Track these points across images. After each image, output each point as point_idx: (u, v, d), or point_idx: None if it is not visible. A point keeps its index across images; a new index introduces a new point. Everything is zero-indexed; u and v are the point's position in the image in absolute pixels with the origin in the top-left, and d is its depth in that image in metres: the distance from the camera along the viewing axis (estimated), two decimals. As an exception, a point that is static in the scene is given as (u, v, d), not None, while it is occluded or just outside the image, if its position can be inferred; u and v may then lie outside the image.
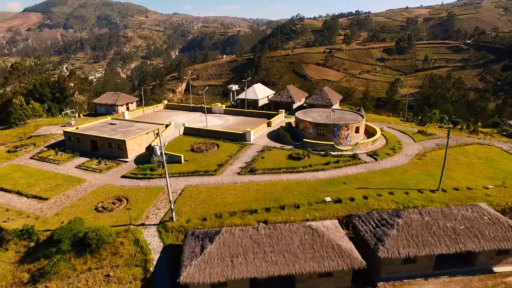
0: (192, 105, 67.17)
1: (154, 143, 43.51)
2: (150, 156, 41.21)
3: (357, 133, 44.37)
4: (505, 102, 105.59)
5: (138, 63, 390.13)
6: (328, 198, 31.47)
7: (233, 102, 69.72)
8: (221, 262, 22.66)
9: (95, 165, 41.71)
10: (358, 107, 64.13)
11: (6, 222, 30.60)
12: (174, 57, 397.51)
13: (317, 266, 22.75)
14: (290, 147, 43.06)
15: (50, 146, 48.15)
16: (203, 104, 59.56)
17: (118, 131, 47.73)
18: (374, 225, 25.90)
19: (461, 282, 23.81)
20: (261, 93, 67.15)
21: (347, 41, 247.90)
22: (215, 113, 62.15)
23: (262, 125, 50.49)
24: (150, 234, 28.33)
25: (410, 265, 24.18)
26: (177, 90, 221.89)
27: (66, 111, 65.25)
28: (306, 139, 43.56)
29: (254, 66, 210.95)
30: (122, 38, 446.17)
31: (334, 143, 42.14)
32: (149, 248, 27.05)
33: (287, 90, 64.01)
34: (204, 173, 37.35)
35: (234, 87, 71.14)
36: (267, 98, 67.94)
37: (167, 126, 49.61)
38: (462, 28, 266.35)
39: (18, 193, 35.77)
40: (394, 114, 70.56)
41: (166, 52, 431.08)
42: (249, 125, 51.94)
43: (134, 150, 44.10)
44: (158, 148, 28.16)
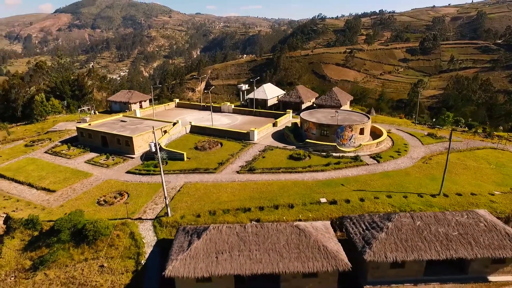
0: (202, 104, 68.29)
1: (159, 140, 44.68)
2: (155, 153, 42.35)
3: (361, 134, 43.71)
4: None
5: (161, 62, 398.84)
6: (323, 199, 31.31)
7: (243, 102, 70.22)
8: (206, 257, 23.14)
9: (103, 160, 43.36)
10: (369, 109, 63.01)
11: (15, 211, 32.51)
12: (195, 56, 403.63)
13: (301, 266, 22.78)
14: (292, 147, 43.03)
15: (64, 141, 50.45)
16: (211, 103, 60.39)
17: (127, 128, 49.33)
18: (365, 227, 25.60)
19: (452, 289, 23.17)
20: (270, 93, 67.28)
21: (369, 41, 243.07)
22: (224, 112, 62.91)
23: (268, 124, 50.69)
24: (145, 228, 29.25)
25: (398, 269, 23.73)
26: (196, 89, 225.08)
27: (83, 108, 68.11)
28: (309, 140, 43.37)
29: (273, 66, 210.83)
30: (146, 38, 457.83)
31: (336, 144, 41.72)
32: (143, 241, 27.96)
33: (296, 90, 63.82)
34: (204, 170, 38.03)
35: (244, 87, 71.64)
36: (277, 98, 67.97)
37: (175, 124, 50.74)
38: (492, 27, 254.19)
39: (29, 185, 37.84)
40: (408, 116, 68.65)
41: (187, 51, 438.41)
42: (256, 124, 52.24)
43: (141, 146, 45.45)
44: (153, 145, 28.85)
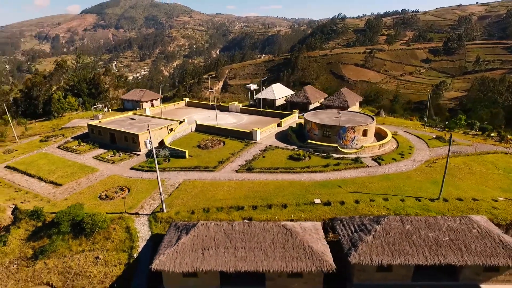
0: (211, 103, 69.22)
1: (164, 138, 45.81)
2: (160, 150, 43.46)
3: (365, 136, 43.10)
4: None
5: (181, 62, 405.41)
6: (317, 200, 31.20)
7: (251, 101, 70.61)
8: (192, 253, 23.66)
9: (110, 156, 44.84)
10: (379, 110, 61.90)
11: (23, 203, 34.28)
12: (214, 56, 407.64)
13: (285, 265, 22.90)
14: (293, 148, 43.01)
15: (76, 138, 52.51)
16: (215, 102, 61.16)
17: (135, 126, 50.77)
18: (353, 229, 25.40)
19: (439, 296, 22.64)
20: (279, 93, 67.32)
21: (390, 41, 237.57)
22: (232, 111, 63.51)
23: (272, 124, 50.83)
24: (141, 223, 30.16)
25: (385, 273, 23.42)
26: (214, 88, 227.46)
27: (97, 106, 70.59)
28: (311, 140, 43.20)
29: (290, 66, 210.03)
30: (167, 38, 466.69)
31: (338, 146, 41.36)
32: (137, 235, 28.86)
33: (304, 90, 63.56)
34: (204, 169, 38.67)
35: (253, 87, 71.99)
36: (285, 99, 67.90)
37: (181, 123, 51.77)
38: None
39: (39, 178, 39.74)
40: (422, 118, 66.75)
41: (207, 51, 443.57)
42: (261, 124, 52.50)
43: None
44: (148, 142, 29.64)
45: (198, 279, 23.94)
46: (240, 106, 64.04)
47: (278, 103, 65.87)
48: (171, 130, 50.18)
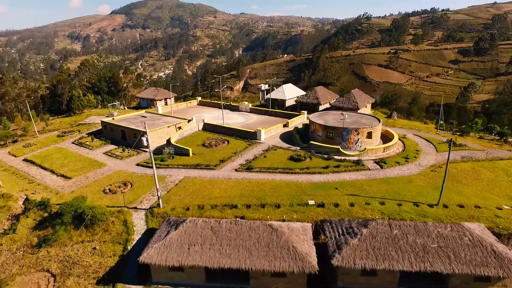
0: (222, 102, 70.00)
1: (171, 136, 47.02)
2: (165, 147, 44.73)
3: (369, 138, 42.32)
4: None
5: (204, 61, 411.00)
6: (311, 202, 31.10)
7: (262, 102, 70.86)
8: (179, 248, 24.38)
9: (119, 152, 46.61)
10: (391, 112, 60.43)
11: (33, 194, 36.40)
12: (237, 55, 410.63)
13: (267, 264, 23.16)
14: (295, 148, 42.93)
15: (91, 134, 54.92)
16: (222, 101, 61.90)
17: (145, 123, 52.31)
18: (341, 232, 25.23)
19: (424, 304, 22.09)
20: (289, 93, 67.13)
21: (416, 41, 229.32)
22: (242, 111, 64.07)
23: (278, 125, 50.91)
24: (138, 217, 31.27)
25: (370, 277, 23.14)
26: (235, 88, 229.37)
27: (114, 103, 73.34)
28: (314, 141, 42.95)
29: (312, 66, 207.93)
30: (191, 38, 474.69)
31: (340, 147, 40.88)
32: (134, 229, 29.97)
33: (315, 91, 63.03)
34: (205, 167, 39.43)
35: (263, 87, 72.23)
36: (296, 99, 67.62)
37: (189, 121, 52.90)
38: None
39: (51, 171, 41.98)
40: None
41: (230, 51, 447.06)
42: (269, 124, 52.70)
43: (155, 141, 47.99)
44: (144, 139, 30.67)
45: (184, 274, 24.62)
46: (250, 106, 64.49)
47: (288, 104, 65.75)
48: (180, 128, 51.40)
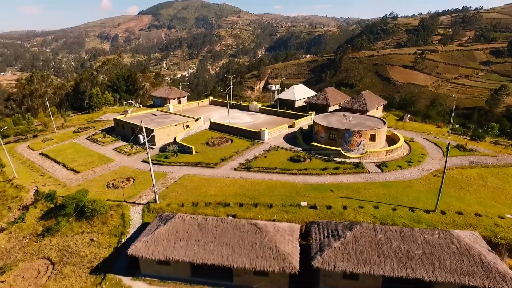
0: (232, 102, 70.82)
1: (177, 135, 48.21)
2: (169, 145, 45.98)
3: (373, 141, 41.52)
4: None
5: (227, 61, 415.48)
6: (304, 203, 31.05)
7: (273, 102, 70.97)
8: (165, 242, 25.16)
9: (128, 149, 48.33)
10: (403, 115, 58.86)
11: (43, 186, 38.56)
12: (260, 55, 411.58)
13: (249, 262, 23.46)
14: (297, 149, 42.82)
15: (104, 130, 57.22)
16: (228, 101, 62.48)
17: (155, 121, 54.01)
18: (326, 234, 25.09)
19: (405, 311, 21.61)
20: (299, 94, 66.78)
21: (444, 41, 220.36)
22: (251, 111, 64.48)
23: (283, 125, 50.91)
24: (135, 212, 32.43)
25: (352, 281, 22.88)
26: (255, 88, 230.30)
27: (129, 101, 75.91)
28: (316, 143, 42.69)
29: (333, 67, 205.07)
30: (215, 37, 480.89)
31: (342, 149, 40.39)
32: (130, 223, 31.13)
33: (325, 92, 62.37)
34: (206, 165, 40.18)
35: (274, 87, 72.32)
36: (305, 100, 67.23)
37: (197, 120, 53.97)
38: None
39: (63, 165, 44.21)
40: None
41: (253, 50, 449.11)
42: (275, 124, 52.79)
43: (162, 139, 49.50)
44: (141, 137, 31.73)
45: (170, 268, 25.37)
46: (259, 106, 64.79)
47: (297, 104, 65.46)
48: (187, 126, 52.57)
